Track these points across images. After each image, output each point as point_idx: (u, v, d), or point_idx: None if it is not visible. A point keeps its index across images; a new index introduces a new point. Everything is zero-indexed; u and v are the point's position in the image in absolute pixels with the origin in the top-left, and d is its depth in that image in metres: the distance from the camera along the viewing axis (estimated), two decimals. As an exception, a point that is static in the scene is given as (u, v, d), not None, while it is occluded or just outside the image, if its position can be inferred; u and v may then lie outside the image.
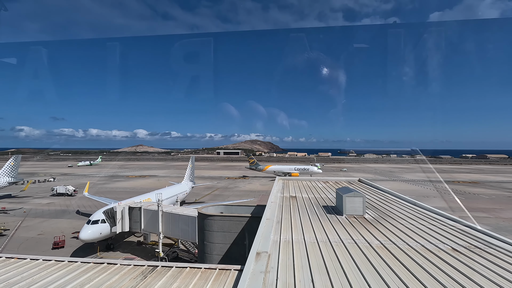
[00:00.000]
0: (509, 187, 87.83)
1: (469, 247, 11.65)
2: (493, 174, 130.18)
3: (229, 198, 67.61)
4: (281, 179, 34.01)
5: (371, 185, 29.86)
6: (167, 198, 48.32)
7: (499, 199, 67.28)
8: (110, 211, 35.39)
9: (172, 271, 11.54)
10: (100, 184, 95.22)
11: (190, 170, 70.04)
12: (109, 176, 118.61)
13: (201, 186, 77.80)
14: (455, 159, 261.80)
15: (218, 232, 21.50)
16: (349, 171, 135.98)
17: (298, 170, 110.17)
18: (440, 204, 58.18)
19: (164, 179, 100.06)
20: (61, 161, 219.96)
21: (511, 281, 8.67)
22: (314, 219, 16.46)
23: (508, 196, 71.28)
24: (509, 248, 11.42)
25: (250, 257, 10.19)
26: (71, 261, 12.91)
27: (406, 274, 9.29)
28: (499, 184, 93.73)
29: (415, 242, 12.39)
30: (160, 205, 32.86)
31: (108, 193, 72.07)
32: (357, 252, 11.28)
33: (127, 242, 40.42)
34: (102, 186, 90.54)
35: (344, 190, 18.67)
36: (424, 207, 18.91)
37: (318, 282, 8.73)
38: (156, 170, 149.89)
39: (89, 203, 61.72)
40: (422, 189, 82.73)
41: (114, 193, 72.69)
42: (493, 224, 45.33)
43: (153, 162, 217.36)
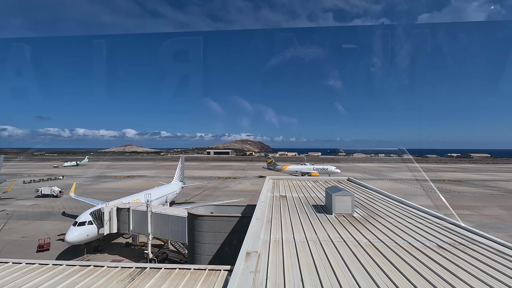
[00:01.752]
0: (491, 185, 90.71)
1: (454, 244, 11.95)
2: (477, 172, 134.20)
3: (220, 198, 67.31)
4: (271, 179, 34.08)
5: (359, 184, 30.27)
6: (156, 199, 47.68)
7: (482, 197, 69.40)
8: (97, 212, 34.66)
9: (160, 273, 11.39)
10: (87, 184, 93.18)
11: (180, 170, 69.34)
12: (97, 177, 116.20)
13: (191, 186, 77.16)
14: (440, 158, 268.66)
15: (208, 232, 21.35)
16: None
17: (317, 170, 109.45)
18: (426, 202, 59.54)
19: (153, 180, 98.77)
20: (46, 162, 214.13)
21: (494, 277, 8.93)
22: (304, 218, 16.55)
23: (490, 194, 73.60)
24: (492, 245, 11.77)
25: (240, 257, 10.15)
26: (56, 264, 12.56)
27: (393, 272, 9.45)
28: (482, 183, 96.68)
29: (402, 240, 12.62)
30: (149, 206, 32.40)
31: (95, 194, 70.57)
32: (346, 251, 11.40)
33: (115, 243, 39.69)
34: (89, 187, 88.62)
35: (333, 189, 18.85)
36: (410, 205, 19.30)
37: (307, 281, 8.77)
38: (145, 170, 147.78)
39: (75, 204, 60.28)
40: (409, 187, 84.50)
41: (101, 194, 71.23)
42: (477, 221, 46.72)
43: (142, 162, 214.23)
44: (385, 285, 8.54)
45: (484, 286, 8.40)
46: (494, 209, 56.00)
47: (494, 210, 55.14)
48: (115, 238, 40.61)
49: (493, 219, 49.04)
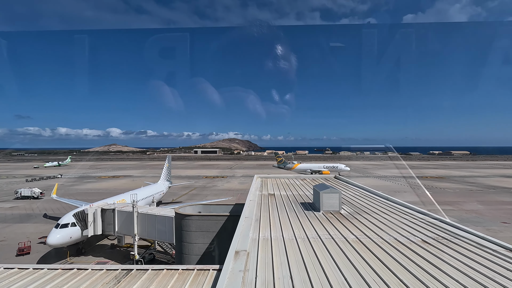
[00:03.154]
0: (470, 181, 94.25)
1: (438, 239, 12.30)
2: (457, 169, 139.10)
3: (207, 198, 66.82)
4: (259, 177, 34.09)
5: (346, 181, 30.74)
6: (142, 199, 46.79)
7: (462, 193, 72.01)
8: (81, 213, 33.63)
9: (147, 274, 11.14)
10: (70, 185, 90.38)
11: (166, 169, 68.33)
12: (80, 177, 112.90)
13: (178, 185, 76.18)
14: (423, 156, 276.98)
15: (196, 232, 21.12)
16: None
17: (327, 168, 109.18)
18: (412, 199, 61.26)
19: (139, 179, 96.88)
20: (26, 162, 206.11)
21: (475, 269, 9.24)
22: (292, 216, 16.63)
23: (470, 190, 76.47)
24: (473, 238, 12.19)
25: (229, 256, 10.08)
26: (36, 268, 12.07)
27: (380, 267, 9.61)
28: (462, 179, 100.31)
29: (388, 236, 12.88)
30: (135, 206, 31.74)
31: (78, 195, 68.53)
32: (334, 247, 11.52)
33: (100, 245, 38.69)
34: (72, 187, 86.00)
35: (321, 187, 19.03)
36: (396, 202, 19.74)
37: (296, 278, 8.79)
38: (130, 170, 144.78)
39: (57, 206, 58.34)
40: (393, 184, 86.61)
41: (85, 195, 69.25)
42: (457, 216, 48.41)
43: (128, 162, 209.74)
44: (372, 280, 8.68)
45: (467, 278, 8.68)
46: (473, 204, 58.23)
47: (473, 205, 57.32)
48: (100, 240, 39.58)
49: (473, 213, 50.97)
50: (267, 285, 8.45)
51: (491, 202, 59.98)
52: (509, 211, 52.17)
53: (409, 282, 8.51)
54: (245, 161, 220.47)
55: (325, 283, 8.50)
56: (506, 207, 55.07)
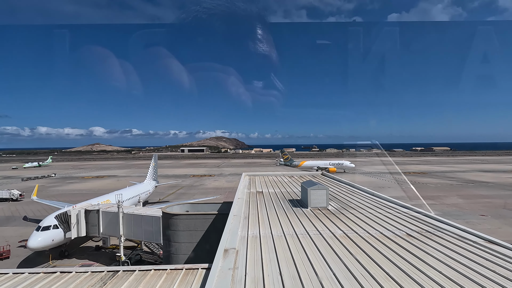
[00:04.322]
0: (451, 176, 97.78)
1: (421, 232, 12.68)
2: (438, 165, 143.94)
3: (195, 196, 66.21)
4: (247, 175, 34.09)
5: (333, 178, 31.21)
6: (128, 199, 45.83)
7: (443, 187, 74.63)
8: (63, 215, 32.59)
9: (135, 275, 10.93)
10: (51, 186, 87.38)
11: (153, 168, 67.20)
12: (62, 178, 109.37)
13: (165, 185, 75.08)
14: (406, 152, 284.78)
15: (184, 231, 20.91)
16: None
17: (333, 165, 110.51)
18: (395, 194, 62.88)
19: (125, 179, 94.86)
20: (3, 163, 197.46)
21: (457, 260, 9.59)
22: (281, 213, 16.72)
23: (450, 184, 79.34)
24: (454, 231, 12.64)
25: (218, 255, 10.02)
26: (17, 273, 11.61)
27: (367, 261, 9.81)
28: (443, 174, 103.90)
29: (374, 230, 13.16)
30: (120, 207, 31.05)
31: (60, 196, 66.38)
32: (322, 243, 11.67)
33: (84, 247, 37.67)
34: (54, 188, 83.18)
35: (308, 184, 19.22)
36: (381, 197, 20.22)
37: (286, 275, 8.85)
38: (115, 170, 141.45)
39: (38, 208, 56.28)
40: (379, 180, 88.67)
41: (67, 196, 67.16)
42: (439, 209, 50.15)
43: (112, 162, 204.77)
44: (360, 274, 8.85)
45: (449, 269, 8.99)
46: (454, 198, 60.47)
47: (454, 199, 59.53)
48: (84, 242, 38.53)
49: (453, 207, 52.94)
50: (256, 282, 8.46)
51: (470, 196, 62.48)
52: (487, 204, 54.50)
53: (395, 274, 8.73)
54: (233, 159, 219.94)
55: (314, 278, 8.60)
56: (484, 201, 57.51)
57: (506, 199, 56.89)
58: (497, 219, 43.97)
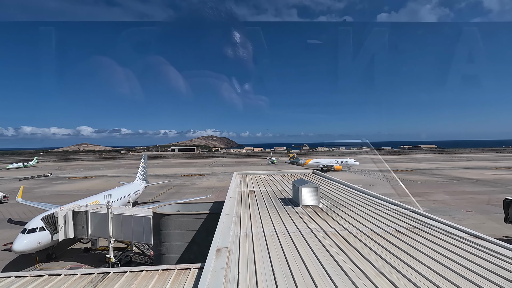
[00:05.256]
0: (438, 173, 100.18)
1: (410, 228, 12.97)
2: (426, 162, 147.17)
3: (186, 196, 65.70)
4: (238, 174, 34.08)
5: (324, 176, 31.52)
6: (117, 199, 45.09)
7: (430, 184, 76.39)
8: (50, 217, 31.80)
9: (126, 277, 10.80)
10: (37, 188, 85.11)
11: (142, 168, 66.30)
12: (48, 179, 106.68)
13: (155, 185, 74.19)
14: (395, 150, 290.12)
15: (175, 231, 20.75)
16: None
17: (338, 163, 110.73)
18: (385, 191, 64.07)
19: (114, 179, 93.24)
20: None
21: (444, 255, 9.86)
22: (273, 212, 16.80)
23: (437, 181, 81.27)
24: (441, 226, 12.99)
25: (210, 254, 10.00)
26: (3, 277, 11.29)
27: (358, 257, 9.98)
28: (430, 171, 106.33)
29: (364, 227, 13.39)
30: (109, 207, 30.53)
31: (47, 198, 64.78)
32: (314, 241, 11.79)
33: (72, 249, 36.87)
34: (40, 190, 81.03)
35: (300, 182, 19.37)
36: (370, 194, 20.55)
37: (278, 273, 8.91)
38: (104, 170, 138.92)
39: (23, 210, 54.74)
40: (368, 178, 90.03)
41: (54, 197, 65.59)
42: (426, 206, 51.32)
43: (101, 162, 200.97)
44: (351, 270, 8.99)
45: (437, 264, 9.23)
46: (440, 195, 61.99)
47: (440, 196, 61.03)
48: (72, 244, 37.71)
49: (440, 203, 54.26)
50: (249, 281, 8.49)
51: (456, 193, 64.18)
52: (472, 200, 56.11)
53: (385, 270, 8.91)
54: (224, 158, 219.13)
55: (306, 276, 8.69)
56: (469, 197, 59.18)
57: (489, 195, 58.69)
58: (481, 215, 45.32)
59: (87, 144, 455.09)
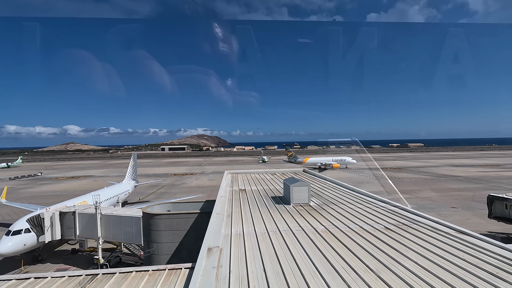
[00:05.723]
0: (425, 171, 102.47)
1: (398, 225, 13.23)
2: (413, 160, 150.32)
3: (176, 196, 65.13)
4: (229, 173, 34.00)
5: (314, 174, 31.79)
6: (106, 200, 44.33)
7: (418, 182, 78.10)
8: (36, 218, 30.99)
9: (115, 278, 10.64)
10: (22, 188, 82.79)
11: (132, 168, 65.37)
12: (33, 179, 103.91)
13: (145, 184, 73.30)
14: (383, 148, 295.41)
15: (165, 231, 20.56)
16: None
17: (336, 161, 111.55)
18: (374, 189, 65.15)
19: (102, 179, 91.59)
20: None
21: (431, 251, 10.11)
22: (264, 210, 16.85)
23: (424, 179, 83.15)
24: (428, 223, 13.30)
25: (201, 253, 9.96)
26: (-14, 281, 10.96)
27: (348, 254, 10.12)
28: (418, 169, 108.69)
29: (354, 224, 13.58)
30: (98, 208, 29.97)
31: (33, 199, 63.13)
32: (305, 238, 11.89)
33: (59, 251, 36.06)
34: (25, 190, 78.85)
35: (290, 181, 19.49)
36: (360, 192, 20.86)
37: (270, 271, 8.95)
38: (92, 169, 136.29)
39: (7, 211, 53.17)
40: (358, 176, 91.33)
41: (40, 198, 63.96)
42: (414, 203, 52.45)
43: (88, 161, 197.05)
44: (341, 267, 9.12)
45: (424, 259, 9.46)
46: (427, 192, 63.47)
47: (427, 193, 62.48)
48: (59, 246, 36.86)
49: (427, 200, 55.56)
50: (241, 279, 8.50)
51: (442, 189, 65.82)
52: (457, 197, 57.65)
53: (374, 266, 9.07)
54: (215, 157, 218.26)
55: (297, 274, 8.76)
56: (455, 193, 60.79)
57: (474, 192, 60.44)
58: (466, 211, 46.64)
59: (74, 143, 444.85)
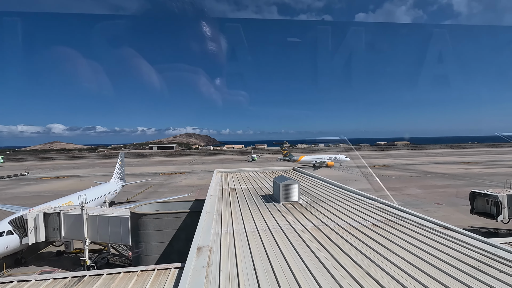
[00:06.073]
0: (411, 168, 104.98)
1: (385, 221, 13.52)
2: (399, 158, 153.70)
3: (165, 195, 64.39)
4: (219, 172, 33.87)
5: (303, 172, 32.06)
6: (93, 200, 43.42)
7: (404, 179, 79.95)
8: (18, 220, 30.02)
9: (103, 279, 10.45)
10: (4, 189, 79.98)
11: (119, 167, 64.20)
12: (16, 179, 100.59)
13: (133, 184, 72.13)
14: (371, 146, 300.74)
15: (154, 231, 20.32)
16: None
17: (330, 159, 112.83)
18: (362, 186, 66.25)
19: (88, 179, 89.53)
20: None
21: (417, 246, 10.38)
22: (254, 209, 16.88)
23: (410, 176, 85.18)
24: (414, 219, 13.64)
25: (191, 253, 9.90)
26: (-34, 285, 10.55)
27: (336, 251, 10.27)
28: (404, 166, 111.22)
29: (343, 221, 13.79)
30: (84, 208, 29.31)
31: (15, 200, 61.14)
32: (295, 236, 11.99)
33: (44, 253, 35.10)
34: (7, 191, 76.23)
35: (280, 179, 19.59)
36: (349, 190, 21.18)
37: (260, 269, 8.98)
38: (77, 169, 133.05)
39: (-12, 213, 51.31)
40: (346, 174, 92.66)
41: (23, 199, 61.99)
42: (400, 200, 53.66)
43: (74, 161, 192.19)
44: (330, 263, 9.24)
45: (410, 254, 9.70)
46: (413, 189, 65.08)
47: (413, 190, 64.07)
48: (44, 248, 35.88)
49: (413, 197, 56.98)
50: (231, 278, 8.50)
51: (427, 186, 67.62)
52: (441, 193, 59.36)
53: (362, 262, 9.23)
54: (204, 156, 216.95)
55: (287, 271, 8.83)
56: (439, 190, 62.56)
57: (457, 188, 62.32)
58: (450, 207, 48.09)
59: (58, 142, 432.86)
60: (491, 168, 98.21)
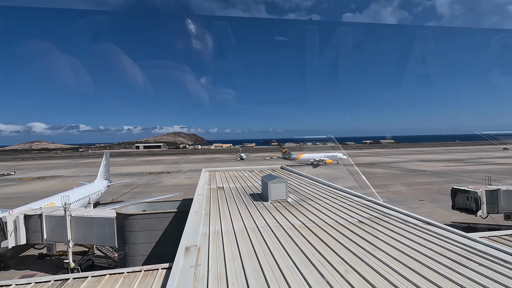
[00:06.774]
0: (395, 166, 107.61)
1: (371, 218, 13.80)
2: (385, 156, 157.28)
3: (152, 195, 63.42)
4: (207, 171, 33.66)
5: (291, 171, 32.30)
6: (76, 201, 42.20)
7: (389, 176, 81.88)
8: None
9: (87, 282, 10.19)
10: (-19, 191, 76.65)
11: (104, 167, 62.67)
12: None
13: (118, 184, 70.59)
14: (357, 145, 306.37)
15: (141, 231, 19.98)
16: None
17: (328, 157, 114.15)
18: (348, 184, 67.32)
19: (72, 180, 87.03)
20: None
21: (402, 242, 10.66)
22: (242, 208, 16.87)
23: (395, 174, 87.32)
24: (399, 216, 14.00)
25: (179, 253, 9.81)
26: None
27: (324, 248, 10.41)
28: (389, 164, 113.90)
29: (330, 219, 13.99)
30: (67, 209, 28.47)
31: (-7, 201, 58.63)
32: (283, 234, 12.07)
33: (25, 256, 33.90)
34: (-16, 193, 73.09)
35: (268, 178, 19.66)
36: (336, 188, 21.49)
37: (248, 268, 8.99)
38: (60, 169, 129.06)
39: (-36, 216, 49.04)
40: (333, 172, 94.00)
41: (2, 201, 59.58)
42: (385, 197, 54.95)
43: (56, 161, 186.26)
44: (318, 261, 9.36)
45: (395, 250, 9.95)
46: (398, 186, 66.77)
47: (398, 187, 65.74)
48: (25, 251, 34.65)
49: (397, 194, 58.45)
50: (219, 278, 8.47)
51: (411, 183, 69.52)
52: (425, 190, 61.18)
53: (349, 258, 9.40)
54: (192, 155, 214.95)
55: (276, 269, 8.88)
56: (422, 187, 64.46)
57: (440, 185, 64.36)
58: (433, 203, 49.62)
59: (39, 141, 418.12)
60: (471, 165, 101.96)
